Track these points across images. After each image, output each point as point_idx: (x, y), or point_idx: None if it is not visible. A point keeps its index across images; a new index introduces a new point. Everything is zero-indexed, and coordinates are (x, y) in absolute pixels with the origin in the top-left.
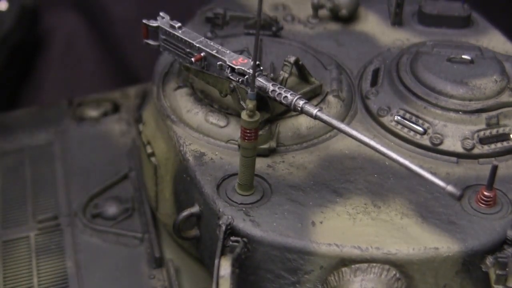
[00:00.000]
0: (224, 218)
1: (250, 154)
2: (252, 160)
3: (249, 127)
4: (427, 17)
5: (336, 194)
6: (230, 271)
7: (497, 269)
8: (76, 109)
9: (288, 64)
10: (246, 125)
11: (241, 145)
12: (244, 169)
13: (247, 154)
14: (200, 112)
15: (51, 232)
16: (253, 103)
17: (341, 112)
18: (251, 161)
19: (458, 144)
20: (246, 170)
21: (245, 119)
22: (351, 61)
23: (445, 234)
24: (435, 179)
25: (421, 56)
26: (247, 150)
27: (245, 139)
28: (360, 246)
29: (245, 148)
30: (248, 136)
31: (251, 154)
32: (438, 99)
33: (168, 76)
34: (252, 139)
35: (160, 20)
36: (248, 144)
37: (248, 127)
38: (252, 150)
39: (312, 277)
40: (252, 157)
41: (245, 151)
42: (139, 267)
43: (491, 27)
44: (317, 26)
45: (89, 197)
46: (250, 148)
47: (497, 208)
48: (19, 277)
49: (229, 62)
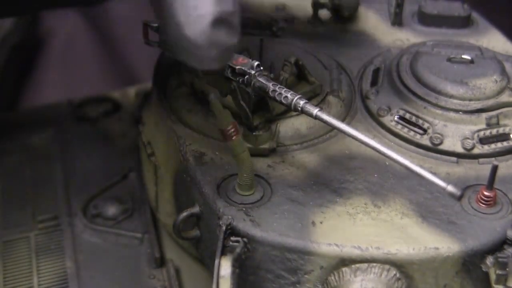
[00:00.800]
0: (224, 218)
1: (239, 150)
2: (246, 154)
3: (226, 124)
4: (427, 17)
5: (336, 194)
6: (230, 271)
7: (497, 269)
8: (76, 109)
9: (288, 64)
10: (221, 124)
11: (230, 146)
12: (242, 167)
13: (237, 150)
14: (200, 112)
15: (51, 232)
16: (216, 102)
17: (341, 112)
18: (245, 156)
19: (458, 144)
20: (244, 167)
21: (219, 121)
22: (351, 61)
23: (445, 234)
24: (435, 179)
25: (421, 56)
26: (237, 147)
27: (230, 137)
28: (360, 246)
29: (235, 145)
30: (231, 133)
31: (241, 150)
32: (438, 99)
33: (168, 76)
34: (235, 134)
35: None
36: (236, 141)
37: (225, 125)
38: (240, 145)
39: (312, 277)
40: (244, 152)
41: (236, 149)
42: (139, 267)
43: (491, 27)
44: (317, 26)
45: (89, 197)
46: (239, 144)
47: (497, 208)
48: (19, 277)
49: (229, 62)
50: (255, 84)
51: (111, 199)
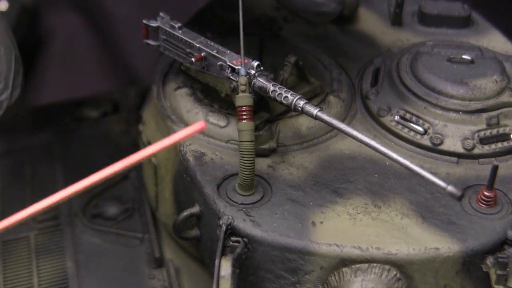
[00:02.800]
0: (225, 218)
1: (248, 138)
2: (250, 145)
3: (243, 104)
4: (427, 17)
5: (336, 194)
6: (231, 271)
7: (497, 269)
8: (76, 109)
9: (288, 64)
10: (240, 101)
11: (238, 128)
12: (244, 163)
13: (246, 137)
14: (200, 112)
15: (51, 232)
16: (244, 79)
17: (341, 112)
18: (249, 146)
19: (459, 144)
20: (246, 164)
21: (239, 95)
22: (351, 61)
23: (445, 234)
24: (436, 179)
25: (421, 56)
26: (245, 133)
27: (242, 119)
28: (361, 246)
29: (243, 130)
30: (244, 115)
31: (249, 138)
32: (438, 99)
33: (168, 76)
34: (248, 118)
35: (160, 20)
36: (246, 125)
37: (243, 103)
38: (250, 132)
39: (312, 277)
40: (250, 142)
41: (243, 134)
42: (139, 267)
43: (491, 27)
44: (317, 26)
45: (89, 197)
46: (248, 130)
47: (498, 208)
48: (19, 277)
49: (229, 62)
50: (255, 84)
51: (111, 199)
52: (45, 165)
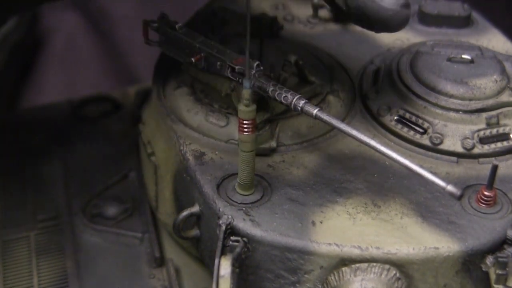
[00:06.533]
0: (224, 218)
1: (249, 148)
2: (252, 155)
3: (246, 118)
4: (427, 16)
5: (336, 194)
6: (230, 271)
7: (497, 268)
8: (76, 109)
9: (288, 64)
10: (243, 115)
11: (239, 139)
12: (244, 166)
13: (246, 148)
14: (200, 112)
15: (51, 232)
16: (248, 92)
17: (341, 112)
18: (250, 156)
19: (458, 143)
20: (246, 166)
21: (242, 109)
22: (351, 61)
23: (445, 233)
24: (435, 179)
25: (421, 56)
26: (246, 144)
27: (243, 131)
28: (360, 245)
29: (244, 141)
30: (246, 128)
31: (250, 148)
32: (438, 99)
33: (168, 76)
34: (250, 131)
35: (160, 20)
36: (247, 137)
37: (245, 117)
38: (251, 144)
39: (312, 276)
40: (251, 151)
41: (244, 145)
42: (139, 267)
43: (491, 27)
44: (317, 26)
45: (89, 197)
46: (249, 142)
47: (497, 207)
48: (19, 277)
49: (229, 62)
50: (255, 84)
51: (111, 199)
52: (45, 165)
